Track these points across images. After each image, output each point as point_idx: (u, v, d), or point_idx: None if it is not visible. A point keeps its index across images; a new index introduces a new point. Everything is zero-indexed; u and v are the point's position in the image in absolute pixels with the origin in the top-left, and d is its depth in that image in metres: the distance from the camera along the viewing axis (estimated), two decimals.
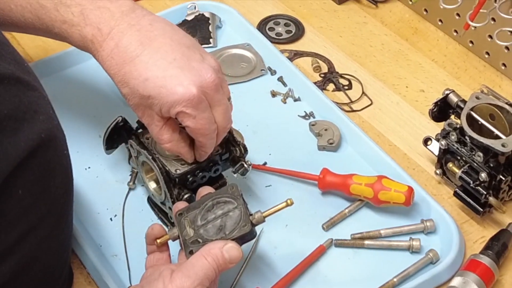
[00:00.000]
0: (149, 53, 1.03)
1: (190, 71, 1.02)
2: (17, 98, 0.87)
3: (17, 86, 0.88)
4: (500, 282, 1.10)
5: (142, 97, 1.03)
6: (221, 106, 1.05)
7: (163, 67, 1.02)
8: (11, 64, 0.89)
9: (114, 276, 1.08)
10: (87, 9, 1.06)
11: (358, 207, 1.18)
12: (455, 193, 1.17)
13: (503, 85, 1.35)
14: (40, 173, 0.88)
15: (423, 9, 1.46)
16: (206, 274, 0.95)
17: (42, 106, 0.91)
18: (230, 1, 1.51)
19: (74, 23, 1.07)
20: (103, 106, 1.28)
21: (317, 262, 1.12)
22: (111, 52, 1.04)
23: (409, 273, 1.10)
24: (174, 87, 1.01)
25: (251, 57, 1.40)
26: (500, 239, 1.11)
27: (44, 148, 0.88)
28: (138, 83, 1.02)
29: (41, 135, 0.88)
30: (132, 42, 1.04)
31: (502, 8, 1.27)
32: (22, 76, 0.89)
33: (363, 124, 1.30)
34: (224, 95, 1.05)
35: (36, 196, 0.88)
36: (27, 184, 0.87)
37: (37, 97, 0.91)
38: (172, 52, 1.04)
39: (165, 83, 1.01)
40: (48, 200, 0.91)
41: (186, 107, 1.01)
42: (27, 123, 0.87)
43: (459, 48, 1.42)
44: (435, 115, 1.20)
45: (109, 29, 1.05)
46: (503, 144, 1.10)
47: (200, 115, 1.02)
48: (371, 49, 1.43)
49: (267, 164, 1.23)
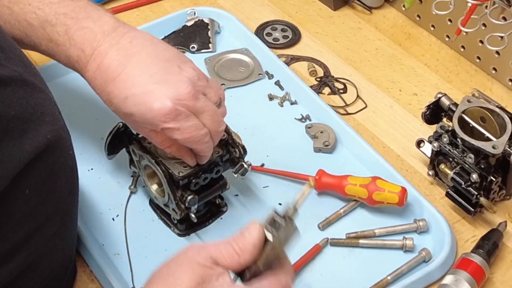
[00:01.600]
0: (128, 71, 1.03)
1: (166, 84, 1.02)
2: (24, 100, 0.87)
3: (24, 89, 0.88)
4: (491, 280, 1.10)
5: (125, 115, 1.04)
6: (206, 112, 1.04)
7: (142, 83, 1.02)
8: (19, 66, 0.89)
9: (116, 274, 1.08)
10: (71, 29, 1.07)
11: (353, 207, 1.18)
12: (447, 193, 1.17)
13: (494, 88, 1.35)
14: (47, 174, 0.89)
15: (416, 15, 1.47)
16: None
17: (48, 107, 0.91)
18: (228, 7, 1.52)
19: (60, 43, 1.07)
20: (105, 109, 1.28)
21: (313, 260, 1.12)
22: (94, 73, 1.05)
23: (403, 272, 1.10)
24: (151, 104, 1.01)
25: (249, 62, 1.40)
26: (491, 238, 1.11)
27: (50, 149, 0.88)
28: (119, 102, 1.03)
29: (47, 136, 0.88)
30: (112, 62, 1.04)
31: (492, 14, 1.28)
32: (29, 78, 0.89)
33: (358, 126, 1.30)
34: (207, 102, 1.04)
35: (42, 196, 0.89)
36: (34, 185, 0.87)
37: (44, 99, 0.91)
38: (150, 68, 1.03)
39: (144, 100, 1.01)
40: (54, 200, 0.91)
41: (166, 122, 1.01)
42: (33, 124, 0.87)
43: (451, 53, 1.42)
44: (427, 118, 1.21)
45: (91, 50, 1.05)
46: (494, 146, 1.11)
47: (184, 125, 1.02)
48: (365, 53, 1.43)
49: (264, 165, 1.23)
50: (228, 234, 1.14)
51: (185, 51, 1.41)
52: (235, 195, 1.19)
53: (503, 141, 1.11)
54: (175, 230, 1.15)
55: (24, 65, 0.91)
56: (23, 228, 0.87)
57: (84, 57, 1.05)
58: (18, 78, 0.88)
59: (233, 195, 1.19)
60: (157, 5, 1.53)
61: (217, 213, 1.17)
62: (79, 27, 1.07)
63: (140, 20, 1.49)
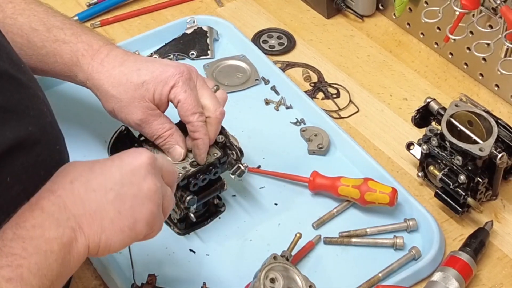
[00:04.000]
0: (136, 57, 1.12)
1: (172, 63, 1.10)
2: (8, 92, 0.88)
3: (9, 82, 0.89)
4: (478, 277, 1.10)
5: (136, 86, 1.08)
6: (207, 90, 1.10)
7: (151, 61, 1.11)
8: (6, 63, 0.90)
9: (118, 271, 1.09)
10: (78, 32, 1.13)
11: (345, 207, 1.18)
12: (436, 194, 1.17)
13: (481, 93, 1.36)
14: (29, 164, 0.88)
15: (406, 23, 1.47)
16: None
17: (35, 103, 0.92)
18: (226, 16, 1.52)
19: (66, 41, 1.12)
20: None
21: (307, 258, 1.12)
22: (102, 61, 1.10)
23: (393, 269, 1.10)
24: (166, 68, 1.08)
25: (246, 68, 1.40)
26: (478, 237, 1.11)
27: (33, 141, 0.89)
28: (131, 75, 1.09)
29: (29, 128, 0.88)
30: (119, 53, 1.12)
31: (479, 22, 1.28)
32: (16, 74, 0.91)
33: (350, 130, 1.30)
34: (207, 85, 1.11)
35: (25, 185, 0.88)
36: (15, 173, 0.87)
37: (30, 95, 0.92)
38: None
39: (157, 68, 1.08)
40: (39, 190, 0.91)
41: (178, 81, 1.07)
42: (16, 116, 0.88)
43: (440, 59, 1.42)
44: (417, 121, 1.21)
45: (98, 46, 1.12)
46: (481, 148, 1.11)
47: (189, 91, 1.07)
48: (357, 60, 1.44)
49: (261, 167, 1.23)
50: (226, 233, 1.16)
51: (185, 57, 1.41)
52: (233, 196, 1.20)
53: (490, 144, 1.12)
54: (175, 229, 1.15)
55: (12, 62, 0.92)
56: (5, 215, 0.87)
57: (92, 50, 1.11)
58: (5, 73, 0.89)
59: (231, 196, 1.20)
60: (158, 14, 1.53)
61: (215, 212, 1.17)
62: (84, 32, 1.13)
63: (142, 28, 1.50)
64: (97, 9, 1.53)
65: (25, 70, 0.94)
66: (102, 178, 0.86)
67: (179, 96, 1.07)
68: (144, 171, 0.87)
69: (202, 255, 1.13)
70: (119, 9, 1.54)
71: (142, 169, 0.87)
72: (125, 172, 0.87)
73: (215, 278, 1.08)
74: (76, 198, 0.84)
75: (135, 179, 0.87)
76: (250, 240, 1.14)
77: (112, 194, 0.86)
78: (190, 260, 1.12)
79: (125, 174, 0.87)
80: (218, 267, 1.11)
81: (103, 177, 0.86)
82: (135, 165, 0.87)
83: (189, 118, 1.07)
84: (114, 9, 1.54)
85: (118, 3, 1.54)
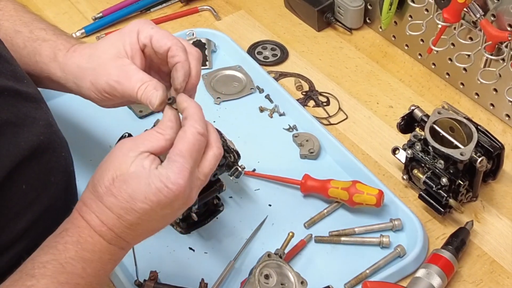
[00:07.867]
0: None
1: None
2: (15, 107, 0.88)
3: (15, 98, 0.89)
4: (459, 273, 1.10)
5: (105, 50, 0.99)
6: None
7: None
8: (11, 80, 0.90)
9: (122, 268, 1.08)
10: (60, 33, 1.09)
11: (335, 208, 1.18)
12: (420, 195, 1.17)
13: (462, 101, 1.36)
14: (40, 171, 0.89)
15: (391, 35, 1.47)
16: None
17: (41, 114, 0.92)
18: (223, 29, 1.52)
19: (47, 39, 1.07)
20: (113, 120, 1.29)
21: (299, 255, 1.12)
22: (75, 49, 1.04)
23: (380, 266, 1.10)
24: (127, 26, 1.00)
25: (242, 78, 1.40)
26: (459, 235, 1.11)
27: (43, 149, 0.90)
28: (100, 47, 1.01)
29: (40, 138, 0.89)
30: (98, 42, 1.05)
31: (460, 35, 1.28)
32: (21, 89, 0.91)
33: (340, 135, 1.30)
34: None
35: (38, 191, 0.89)
36: (30, 180, 0.88)
37: (36, 108, 0.92)
38: None
39: (120, 30, 1.00)
40: (50, 195, 0.91)
41: (142, 25, 0.98)
42: (27, 128, 0.88)
43: (423, 69, 1.43)
44: (402, 127, 1.21)
45: (76, 42, 1.06)
46: (462, 153, 1.11)
47: (156, 28, 0.99)
48: (346, 70, 1.44)
49: (256, 170, 1.23)
50: (225, 231, 1.16)
51: None
52: (230, 197, 1.20)
53: (470, 149, 1.12)
54: (177, 228, 1.15)
55: (17, 78, 0.92)
56: (23, 220, 0.88)
57: (69, 44, 1.05)
58: (11, 89, 0.89)
59: (228, 197, 1.19)
60: (160, 27, 1.53)
61: (215, 212, 1.17)
62: (67, 34, 1.10)
63: None
64: (102, 23, 1.53)
65: (29, 85, 0.94)
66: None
67: (149, 33, 0.98)
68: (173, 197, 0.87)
69: (200, 253, 1.13)
70: (123, 23, 1.54)
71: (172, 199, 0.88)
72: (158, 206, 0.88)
73: (212, 275, 1.08)
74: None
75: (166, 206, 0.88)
76: (245, 239, 1.14)
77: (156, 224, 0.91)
78: (190, 258, 1.12)
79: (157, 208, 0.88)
80: (215, 264, 1.11)
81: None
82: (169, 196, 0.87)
83: (166, 43, 0.96)
84: (119, 23, 1.54)
85: (122, 17, 1.54)
